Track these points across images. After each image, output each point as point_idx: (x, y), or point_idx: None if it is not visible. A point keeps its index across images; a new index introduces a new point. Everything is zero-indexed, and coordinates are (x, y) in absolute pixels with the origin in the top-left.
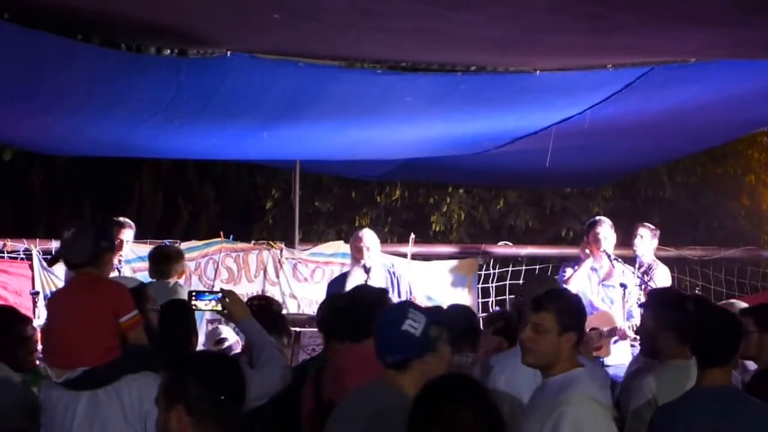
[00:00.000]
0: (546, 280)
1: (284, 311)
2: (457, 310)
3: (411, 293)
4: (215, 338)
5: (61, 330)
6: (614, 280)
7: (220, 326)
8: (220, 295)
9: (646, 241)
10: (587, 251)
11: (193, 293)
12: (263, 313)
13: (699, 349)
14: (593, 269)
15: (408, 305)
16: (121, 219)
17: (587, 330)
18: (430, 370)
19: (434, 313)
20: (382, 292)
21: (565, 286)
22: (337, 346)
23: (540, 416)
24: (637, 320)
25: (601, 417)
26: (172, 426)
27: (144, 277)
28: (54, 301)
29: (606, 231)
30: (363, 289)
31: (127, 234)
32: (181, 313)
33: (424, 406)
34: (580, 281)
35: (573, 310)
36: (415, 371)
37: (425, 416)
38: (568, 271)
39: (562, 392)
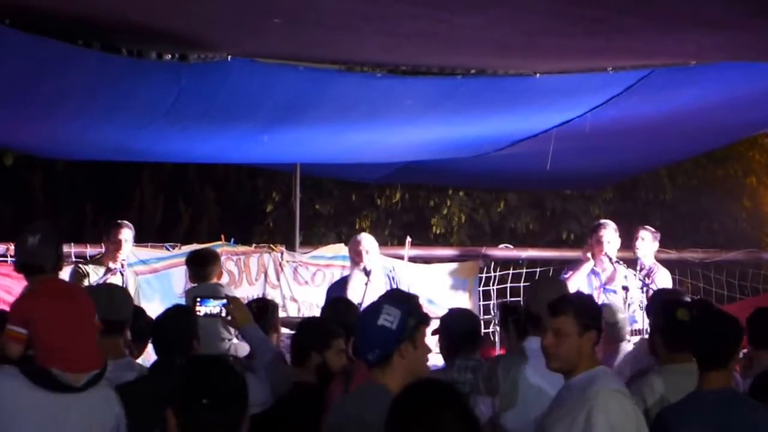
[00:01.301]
0: (557, 282)
1: (284, 314)
2: (458, 313)
3: None
4: None
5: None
6: (616, 284)
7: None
8: (224, 300)
9: (647, 243)
10: (589, 254)
11: (197, 298)
12: (262, 314)
13: (698, 353)
14: (595, 273)
15: (382, 301)
16: (119, 220)
17: None
18: (411, 365)
19: (410, 304)
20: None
21: None
22: None
23: (568, 414)
24: (639, 324)
25: (630, 408)
26: (167, 428)
27: (146, 280)
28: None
29: (609, 235)
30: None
31: (126, 234)
32: (183, 317)
33: (404, 409)
34: (577, 284)
35: (590, 309)
36: (396, 367)
37: (405, 420)
38: (570, 274)
39: (589, 388)
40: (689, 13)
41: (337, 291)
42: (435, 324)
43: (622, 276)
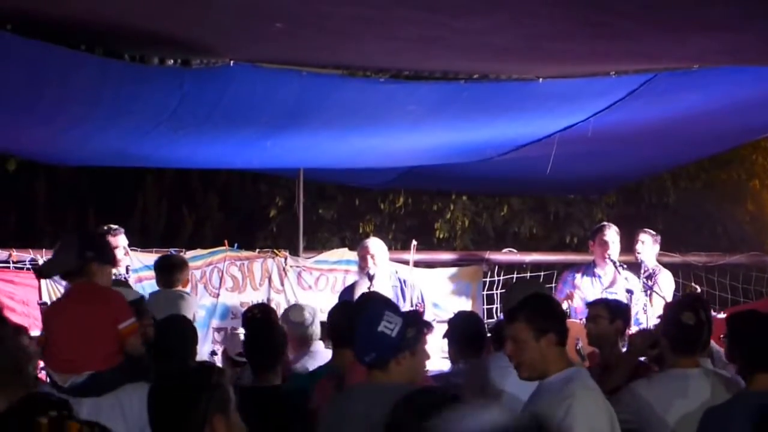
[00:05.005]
0: (532, 285)
1: None
2: (463, 316)
3: (423, 300)
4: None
5: (65, 338)
6: (618, 287)
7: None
8: None
9: (648, 246)
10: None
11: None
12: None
13: (743, 355)
14: (597, 276)
15: (384, 308)
16: (107, 226)
17: None
18: (408, 373)
19: (411, 315)
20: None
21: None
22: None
23: (544, 413)
24: (643, 326)
25: (603, 406)
26: None
27: (151, 286)
28: (53, 311)
29: (612, 236)
30: (370, 298)
31: (121, 240)
32: (184, 325)
33: (404, 419)
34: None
35: (544, 312)
36: (393, 372)
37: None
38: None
39: (565, 387)
40: (692, 17)
41: (346, 297)
42: (444, 327)
43: (624, 279)
